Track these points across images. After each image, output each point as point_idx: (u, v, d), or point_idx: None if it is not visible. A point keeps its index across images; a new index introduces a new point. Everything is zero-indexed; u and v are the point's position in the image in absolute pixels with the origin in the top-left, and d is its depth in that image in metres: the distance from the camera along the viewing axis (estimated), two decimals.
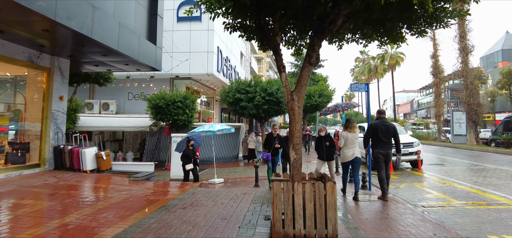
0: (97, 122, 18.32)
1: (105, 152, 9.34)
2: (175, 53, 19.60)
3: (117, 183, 7.81)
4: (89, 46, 8.36)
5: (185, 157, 9.55)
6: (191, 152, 9.71)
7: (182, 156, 9.64)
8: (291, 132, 4.47)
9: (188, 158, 9.53)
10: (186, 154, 9.60)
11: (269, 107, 15.68)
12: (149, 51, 10.71)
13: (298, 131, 4.41)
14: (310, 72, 4.57)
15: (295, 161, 4.34)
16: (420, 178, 10.43)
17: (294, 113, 4.42)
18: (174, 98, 15.65)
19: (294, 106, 4.41)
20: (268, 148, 8.49)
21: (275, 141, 8.50)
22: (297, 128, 4.41)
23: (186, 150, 9.71)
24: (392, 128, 6.85)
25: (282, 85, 4.56)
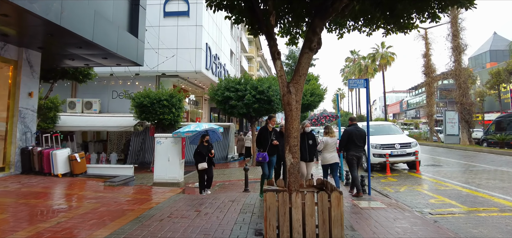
0: (79, 121, 17.41)
1: (79, 154, 8.47)
2: (161, 50, 18.74)
3: (89, 189, 6.98)
4: (60, 36, 7.50)
5: (198, 155, 8.33)
6: (206, 148, 8.42)
7: (195, 153, 8.46)
8: (287, 131, 3.77)
9: (202, 156, 8.26)
10: (199, 151, 8.37)
11: (260, 106, 14.95)
12: (130, 44, 9.87)
13: (296, 130, 3.71)
14: (310, 59, 3.88)
15: (292, 166, 3.64)
16: (419, 180, 9.86)
17: (291, 109, 3.71)
18: (160, 97, 14.83)
19: (291, 100, 3.71)
20: (263, 146, 6.89)
21: (271, 137, 6.93)
22: (295, 126, 3.71)
23: (200, 147, 8.47)
24: (364, 134, 7.57)
25: (277, 75, 3.87)
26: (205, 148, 8.45)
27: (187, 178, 12.29)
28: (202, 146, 8.47)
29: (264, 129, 7.16)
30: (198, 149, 8.45)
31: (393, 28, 5.03)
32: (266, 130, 7.10)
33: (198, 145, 8.72)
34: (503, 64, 38.83)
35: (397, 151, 11.35)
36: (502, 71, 34.66)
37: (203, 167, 8.18)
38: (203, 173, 8.36)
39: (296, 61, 33.55)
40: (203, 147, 8.44)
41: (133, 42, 10.10)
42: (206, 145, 8.52)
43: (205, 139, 8.58)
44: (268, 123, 7.24)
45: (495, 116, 40.39)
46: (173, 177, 10.31)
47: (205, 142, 8.55)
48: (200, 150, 8.37)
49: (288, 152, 3.69)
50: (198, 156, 8.32)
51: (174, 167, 10.35)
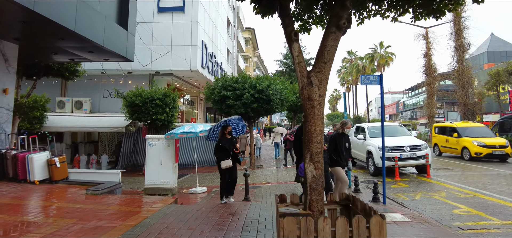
0: (69, 121, 16.54)
1: (59, 158, 7.58)
2: (155, 47, 17.87)
3: (68, 199, 6.12)
4: (37, 25, 6.64)
5: (220, 150, 6.81)
6: (229, 142, 6.93)
7: (216, 149, 6.97)
8: (308, 134, 2.98)
9: (225, 152, 6.77)
10: (221, 146, 6.82)
11: (259, 106, 14.13)
12: (118, 37, 9.02)
13: (319, 132, 2.93)
14: (338, 42, 3.09)
15: (315, 180, 2.85)
16: (432, 185, 9.11)
17: (312, 105, 2.94)
18: (153, 96, 14.00)
19: (312, 94, 2.93)
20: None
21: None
22: (318, 127, 2.93)
23: (222, 140, 6.92)
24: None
25: (294, 62, 3.09)
26: (228, 141, 6.93)
27: (181, 182, 11.46)
28: (225, 139, 6.95)
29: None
30: (219, 143, 6.94)
31: (423, 13, 4.26)
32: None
33: (218, 138, 7.16)
34: (502, 64, 38.47)
35: (407, 153, 10.61)
36: (502, 72, 34.22)
37: (228, 165, 6.67)
38: (226, 174, 6.85)
39: None
40: (226, 141, 6.92)
41: (122, 35, 9.24)
42: (229, 138, 7.00)
43: (227, 130, 7.04)
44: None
45: (493, 117, 40.09)
46: (166, 182, 9.52)
47: (228, 134, 7.02)
48: (223, 144, 6.86)
49: (309, 161, 2.91)
50: (221, 152, 6.81)
51: (167, 171, 9.56)
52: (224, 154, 6.79)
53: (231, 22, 30.94)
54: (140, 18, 17.77)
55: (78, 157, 16.40)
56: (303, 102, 3.09)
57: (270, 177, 11.99)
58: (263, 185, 10.30)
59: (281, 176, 12.25)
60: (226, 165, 6.68)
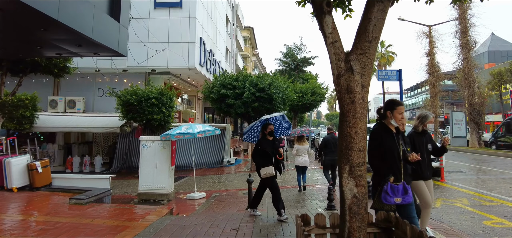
0: (61, 121, 15.81)
1: (41, 162, 6.84)
2: (151, 44, 17.13)
3: (47, 210, 5.37)
4: (14, 12, 5.89)
5: (260, 155, 5.61)
6: (271, 145, 5.68)
7: (254, 153, 5.78)
8: (346, 138, 2.31)
9: (266, 157, 5.59)
10: (262, 149, 5.63)
11: (260, 105, 13.47)
12: (109, 29, 8.26)
13: (361, 136, 2.25)
14: (386, 14, 2.38)
15: (356, 201, 2.18)
16: (450, 191, 8.43)
17: (353, 100, 2.26)
18: (148, 95, 13.30)
19: (353, 85, 2.26)
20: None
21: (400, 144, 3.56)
22: (360, 129, 2.26)
23: (262, 142, 5.72)
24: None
25: (326, 42, 2.40)
26: (270, 143, 5.71)
27: (178, 187, 10.75)
28: (266, 142, 5.72)
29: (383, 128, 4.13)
30: (259, 146, 5.72)
31: None
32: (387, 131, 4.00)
33: (258, 140, 5.96)
34: (505, 64, 37.97)
35: None
36: (504, 71, 33.72)
37: (270, 173, 5.47)
38: (266, 184, 5.65)
39: (295, 59, 32.16)
40: (267, 143, 5.71)
41: (114, 28, 8.48)
42: (270, 140, 5.77)
43: (268, 130, 5.78)
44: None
45: (494, 118, 39.60)
46: (161, 186, 8.84)
47: (269, 135, 5.78)
48: (264, 147, 5.63)
49: (347, 175, 2.22)
50: (261, 158, 5.59)
51: (163, 175, 8.87)
52: (264, 159, 5.57)
53: (230, 20, 30.23)
54: (135, 13, 17.04)
55: (70, 159, 15.74)
56: (338, 95, 2.40)
57: None
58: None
59: (284, 179, 11.55)
60: (266, 173, 5.48)
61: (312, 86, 22.66)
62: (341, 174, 2.34)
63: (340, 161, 2.36)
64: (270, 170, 5.49)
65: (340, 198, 2.36)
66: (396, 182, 2.93)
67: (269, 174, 5.49)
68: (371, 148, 3.00)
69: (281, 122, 6.73)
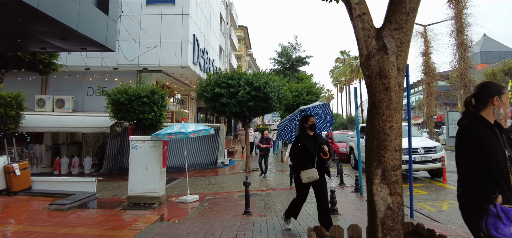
0: (48, 121, 15.25)
1: (20, 164, 6.31)
2: (143, 41, 16.61)
3: (23, 218, 4.87)
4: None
5: (298, 153, 4.55)
6: (313, 141, 4.53)
7: (292, 152, 4.69)
8: (378, 136, 1.90)
9: (306, 156, 4.46)
10: (302, 146, 4.53)
11: (256, 105, 13.01)
12: (97, 22, 7.76)
13: (396, 133, 1.86)
14: None
15: (391, 213, 1.77)
16: (455, 193, 8.09)
17: (387, 87, 1.89)
18: (139, 93, 12.80)
19: (387, 68, 1.90)
20: None
21: None
22: (397, 126, 1.86)
23: (301, 138, 4.61)
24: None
25: (352, 15, 1.99)
26: (311, 139, 4.55)
27: (170, 189, 10.27)
28: (306, 137, 4.59)
29: None
30: (298, 143, 4.59)
31: None
32: None
33: (296, 136, 4.80)
34: (498, 64, 38.20)
35: (421, 156, 9.61)
36: (498, 72, 33.87)
37: (313, 177, 4.32)
38: (306, 190, 4.54)
39: (290, 58, 31.83)
40: (308, 139, 4.56)
41: (101, 20, 7.99)
42: (311, 135, 4.60)
43: (309, 123, 4.58)
44: None
45: None
46: (152, 189, 8.38)
47: (310, 129, 4.59)
48: (304, 144, 4.50)
49: (379, 181, 1.82)
50: (299, 156, 4.53)
51: (154, 177, 8.41)
52: (305, 158, 4.46)
53: (224, 19, 29.78)
54: (127, 9, 16.52)
55: (59, 160, 15.18)
56: (368, 81, 2.00)
57: (269, 182, 10.89)
58: (262, 192, 9.18)
59: (280, 180, 11.16)
60: (309, 177, 4.34)
61: (308, 85, 22.33)
62: (371, 179, 1.93)
63: (370, 164, 1.95)
64: (313, 173, 4.33)
65: (369, 210, 1.96)
66: (506, 203, 1.93)
67: (312, 179, 4.34)
68: (466, 156, 2.10)
69: (320, 115, 5.51)
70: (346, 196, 7.72)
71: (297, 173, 4.50)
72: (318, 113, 5.46)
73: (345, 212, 5.96)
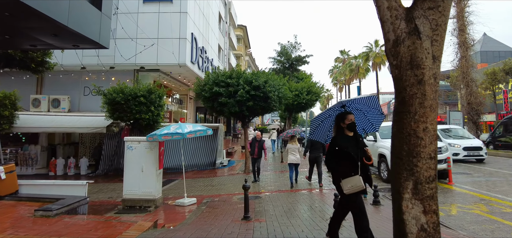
0: (43, 121, 14.93)
1: (5, 167, 5.96)
2: (140, 39, 16.28)
3: (5, 226, 4.53)
4: None
5: (336, 157, 3.79)
6: (354, 144, 3.76)
7: (329, 157, 3.90)
8: (409, 139, 1.60)
9: (346, 162, 3.73)
10: (340, 150, 3.76)
11: (255, 104, 12.68)
12: (89, 17, 7.45)
13: (432, 138, 1.51)
14: None
15: (425, 235, 1.43)
16: (462, 195, 7.80)
17: (421, 80, 1.58)
18: (136, 93, 12.49)
19: (420, 56, 1.58)
20: None
21: None
22: (432, 128, 1.54)
23: (339, 140, 3.84)
24: None
25: None
26: (351, 141, 3.78)
27: (166, 191, 9.96)
28: (345, 138, 3.81)
29: None
30: (335, 145, 3.79)
31: None
32: None
33: (333, 137, 4.01)
34: (499, 64, 37.96)
35: None
36: (498, 71, 33.63)
37: (358, 186, 3.59)
38: (352, 202, 3.72)
39: (289, 58, 31.47)
40: (347, 140, 3.78)
41: (94, 16, 7.68)
42: (350, 136, 3.81)
43: (347, 121, 3.81)
44: None
45: (486, 117, 39.55)
46: (148, 192, 8.07)
47: (348, 130, 3.82)
48: (344, 147, 3.72)
49: (410, 196, 1.51)
50: (338, 161, 3.75)
51: (149, 179, 8.11)
52: (344, 165, 3.70)
53: (223, 18, 29.46)
54: (124, 8, 16.19)
55: (54, 160, 14.89)
56: (395, 73, 1.67)
57: (268, 184, 10.58)
58: (262, 194, 8.87)
59: (280, 181, 10.85)
60: (353, 186, 3.57)
61: (308, 85, 22.02)
62: (399, 194, 1.59)
63: (398, 174, 1.61)
64: (357, 181, 3.56)
65: (396, 231, 1.63)
66: None
67: (357, 188, 3.56)
68: None
69: (364, 112, 4.48)
70: None
71: (337, 182, 3.73)
72: (361, 109, 4.43)
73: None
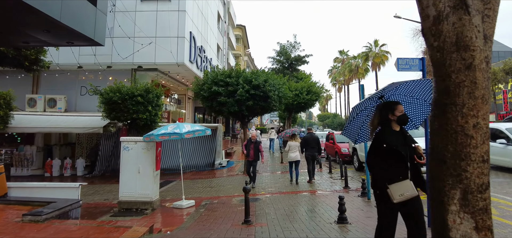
0: (39, 121, 14.67)
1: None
2: (138, 38, 16.05)
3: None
4: None
5: (381, 157, 3.05)
6: (401, 140, 3.05)
7: (372, 156, 3.15)
8: (454, 136, 1.31)
9: (394, 162, 2.99)
10: (387, 148, 2.97)
11: (255, 104, 12.45)
12: (84, 13, 7.18)
13: (485, 135, 1.26)
14: None
15: None
16: None
17: (469, 65, 1.29)
18: (133, 92, 12.24)
19: (468, 35, 1.29)
20: None
21: None
22: (483, 119, 1.28)
23: (387, 134, 3.05)
24: (317, 138, 10.64)
25: None
26: (398, 137, 3.08)
27: (164, 192, 9.72)
28: (392, 133, 3.09)
29: None
30: (382, 141, 3.03)
31: None
32: None
33: (377, 133, 3.17)
34: (499, 64, 37.88)
35: None
36: (498, 71, 33.51)
37: (410, 194, 2.89)
38: (395, 215, 3.00)
39: (288, 57, 31.24)
40: (393, 136, 3.06)
41: (89, 12, 7.41)
42: (397, 131, 3.12)
43: (398, 111, 3.09)
44: None
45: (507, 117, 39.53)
46: (145, 193, 7.83)
47: (396, 123, 3.11)
48: (392, 143, 2.99)
49: (458, 207, 1.25)
50: (383, 162, 3.04)
51: (146, 181, 7.88)
52: (391, 165, 3.00)
53: (222, 17, 29.21)
54: (121, 6, 15.95)
55: (50, 161, 14.62)
56: (436, 57, 1.42)
57: (268, 185, 10.33)
58: (262, 196, 8.62)
59: (280, 183, 10.61)
60: (402, 194, 2.87)
61: (307, 84, 21.80)
62: (444, 205, 1.31)
63: (441, 181, 1.33)
64: (408, 188, 2.88)
65: None
66: None
67: (407, 196, 2.85)
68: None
69: (410, 102, 3.53)
70: (353, 202, 7.17)
71: (382, 189, 2.95)
72: (405, 99, 3.50)
73: (354, 220, 5.41)
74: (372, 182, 3.13)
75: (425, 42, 1.61)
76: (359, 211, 6.32)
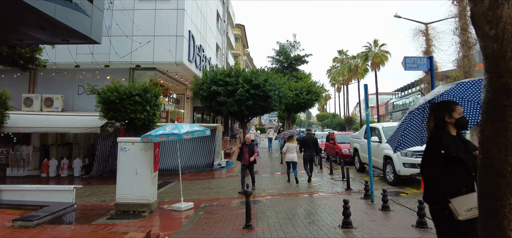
0: (35, 121, 14.44)
1: None
2: (136, 37, 15.82)
3: None
4: None
5: (439, 166, 2.60)
6: (460, 145, 2.64)
7: (426, 165, 2.71)
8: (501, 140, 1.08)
9: (455, 170, 2.57)
10: (446, 154, 2.55)
11: (255, 103, 12.29)
12: (80, 9, 6.97)
13: None
14: None
15: None
16: None
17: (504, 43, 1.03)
18: (131, 91, 12.04)
19: None
20: None
21: None
22: None
23: (445, 138, 2.62)
24: (315, 139, 10.85)
25: None
26: (457, 142, 2.66)
27: (162, 194, 9.53)
28: (448, 137, 2.64)
29: None
30: (440, 147, 2.59)
31: None
32: None
33: (431, 137, 2.72)
34: None
35: (409, 159, 8.89)
36: None
37: (475, 210, 2.34)
38: (460, 230, 2.51)
39: (288, 57, 31.04)
40: (452, 141, 2.63)
41: (85, 9, 7.20)
42: (454, 136, 2.69)
43: (456, 113, 2.64)
44: None
45: None
46: (142, 195, 7.64)
47: (452, 125, 2.68)
48: (452, 150, 2.57)
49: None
50: (442, 172, 2.58)
51: (144, 182, 7.68)
52: (453, 175, 2.58)
53: (221, 16, 29.00)
54: (119, 4, 15.73)
55: (47, 162, 14.40)
56: (493, 47, 1.21)
57: (269, 186, 10.15)
58: (262, 197, 8.43)
59: (281, 184, 10.43)
60: (470, 210, 2.42)
61: (307, 84, 21.65)
62: (503, 229, 1.07)
63: (498, 201, 1.09)
64: (475, 202, 1.96)
65: None
66: None
67: (475, 213, 2.31)
68: None
69: (465, 100, 3.08)
70: (356, 204, 6.99)
71: (442, 203, 2.53)
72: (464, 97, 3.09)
73: (359, 225, 5.22)
74: (426, 196, 2.67)
75: (475, 31, 1.40)
76: (363, 214, 6.14)
